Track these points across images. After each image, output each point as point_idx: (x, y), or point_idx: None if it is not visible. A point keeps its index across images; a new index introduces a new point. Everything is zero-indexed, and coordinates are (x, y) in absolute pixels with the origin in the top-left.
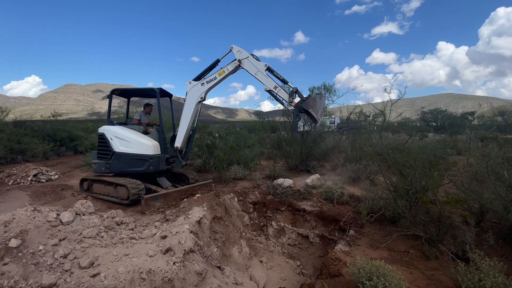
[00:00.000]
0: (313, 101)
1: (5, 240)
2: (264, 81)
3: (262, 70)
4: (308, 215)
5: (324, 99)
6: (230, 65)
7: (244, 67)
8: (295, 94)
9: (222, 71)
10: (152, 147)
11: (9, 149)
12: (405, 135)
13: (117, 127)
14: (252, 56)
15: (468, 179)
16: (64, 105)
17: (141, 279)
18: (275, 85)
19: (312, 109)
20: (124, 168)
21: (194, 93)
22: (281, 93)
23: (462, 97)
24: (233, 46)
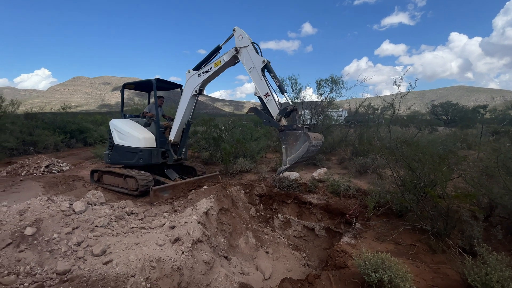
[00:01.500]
0: (293, 139)
1: (20, 228)
2: (256, 82)
3: (258, 67)
4: (314, 208)
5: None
6: (226, 54)
7: (241, 58)
8: (288, 113)
9: (218, 61)
10: (143, 140)
11: (21, 140)
12: (414, 128)
13: (119, 120)
14: (254, 45)
15: (478, 173)
16: (73, 98)
17: (151, 267)
18: (266, 92)
19: (288, 147)
20: (120, 160)
21: (191, 85)
22: (270, 105)
23: (474, 90)
24: (236, 28)
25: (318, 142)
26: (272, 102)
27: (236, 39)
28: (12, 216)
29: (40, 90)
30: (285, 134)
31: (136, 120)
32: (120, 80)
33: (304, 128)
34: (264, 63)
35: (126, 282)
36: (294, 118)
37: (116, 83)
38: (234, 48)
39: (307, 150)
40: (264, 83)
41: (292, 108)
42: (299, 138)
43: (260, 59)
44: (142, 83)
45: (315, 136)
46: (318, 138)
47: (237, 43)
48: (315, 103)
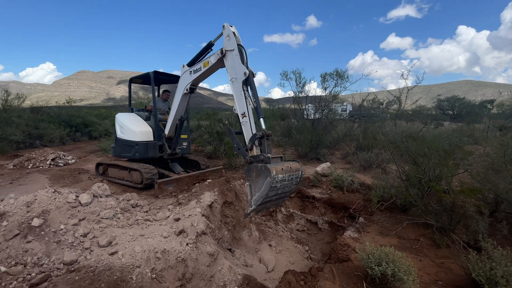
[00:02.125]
0: (256, 174)
1: (28, 219)
2: (235, 96)
3: (240, 79)
4: (317, 202)
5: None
6: (213, 56)
7: (226, 63)
8: (258, 142)
9: (207, 61)
10: (139, 133)
11: (28, 134)
12: (420, 123)
13: (123, 114)
14: (240, 50)
15: (484, 168)
16: (77, 92)
17: (156, 258)
18: (244, 112)
19: (252, 184)
20: (120, 153)
21: (183, 81)
22: (245, 128)
23: (481, 85)
24: (225, 26)
25: (288, 175)
26: (247, 125)
27: (224, 39)
28: (20, 207)
29: (45, 84)
30: (248, 169)
31: (139, 114)
32: (124, 74)
33: (272, 158)
34: (245, 75)
35: (131, 273)
36: (265, 146)
37: (120, 77)
38: (220, 50)
39: (271, 187)
40: (243, 100)
41: (261, 135)
42: (260, 173)
43: (242, 69)
44: (146, 77)
45: (284, 167)
46: (289, 169)
47: (225, 45)
48: (319, 97)
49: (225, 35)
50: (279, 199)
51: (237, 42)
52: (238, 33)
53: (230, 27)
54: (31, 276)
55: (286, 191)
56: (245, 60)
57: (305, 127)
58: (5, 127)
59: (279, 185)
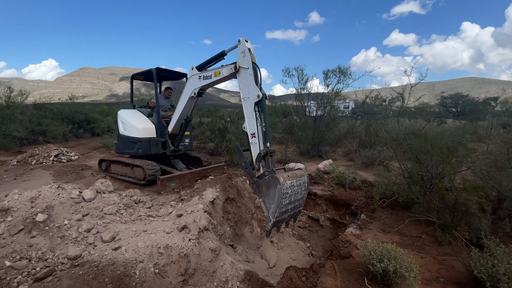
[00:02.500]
0: (265, 188)
1: (32, 214)
2: (246, 116)
3: (252, 100)
4: (319, 199)
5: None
6: (225, 69)
7: (239, 79)
8: (262, 160)
9: (218, 71)
10: (142, 130)
11: (31, 130)
12: (422, 120)
13: (125, 111)
14: (255, 69)
15: (487, 166)
16: (80, 88)
17: (159, 254)
18: (254, 133)
19: (265, 199)
20: (123, 149)
21: (191, 85)
22: (254, 148)
23: (485, 82)
24: (241, 40)
25: (296, 180)
26: (256, 146)
27: (238, 55)
28: (24, 203)
29: (48, 81)
30: (257, 186)
31: (141, 111)
32: (125, 70)
33: (276, 170)
34: (258, 97)
35: (135, 268)
36: (268, 163)
37: (122, 74)
38: (234, 66)
39: (283, 194)
40: (254, 121)
41: (265, 152)
42: (269, 184)
43: (256, 91)
44: (148, 73)
45: (289, 175)
46: (295, 175)
47: (239, 60)
48: (322, 94)
49: (240, 51)
50: (294, 209)
51: (252, 60)
52: (253, 50)
53: (246, 42)
54: (35, 271)
55: (299, 199)
56: (259, 80)
57: (307, 124)
58: (9, 124)
59: (290, 191)
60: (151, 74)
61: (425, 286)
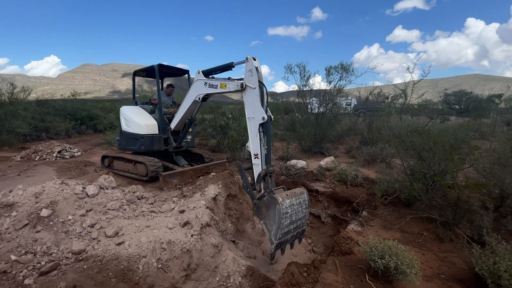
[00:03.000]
0: (265, 209)
1: (36, 210)
2: (250, 135)
3: (257, 120)
4: (320, 196)
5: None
6: (232, 84)
7: (244, 97)
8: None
9: (225, 84)
10: (145, 126)
11: (34, 126)
12: (425, 117)
13: (127, 107)
14: (261, 87)
15: (490, 163)
16: (82, 85)
17: (162, 249)
18: (257, 153)
19: (266, 221)
20: (126, 146)
21: (196, 89)
22: (256, 169)
23: (489, 79)
24: (248, 58)
25: (295, 199)
26: (258, 167)
27: (245, 73)
28: (28, 198)
29: (50, 77)
30: (257, 208)
31: (143, 107)
32: (127, 67)
33: (275, 190)
34: (263, 120)
35: (138, 262)
36: (267, 183)
37: (124, 70)
38: (240, 84)
39: (283, 214)
40: (258, 142)
41: (265, 173)
42: (268, 204)
43: (261, 112)
44: (151, 70)
45: (288, 193)
46: (294, 194)
47: (245, 79)
48: (324, 91)
49: (247, 69)
50: (297, 229)
51: (259, 79)
52: (260, 68)
53: (253, 60)
54: (41, 265)
55: (300, 217)
56: (265, 100)
57: (309, 121)
58: (12, 120)
59: (290, 211)
60: (153, 71)
61: (426, 282)
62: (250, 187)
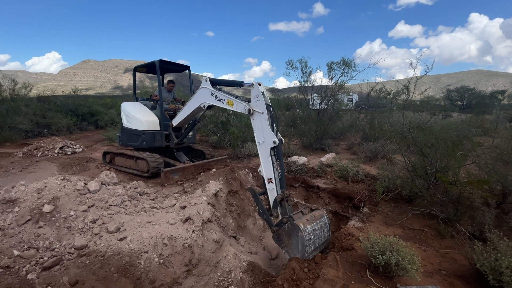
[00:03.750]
0: (287, 237)
1: (38, 205)
2: (262, 160)
3: (268, 145)
4: (321, 192)
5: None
6: (239, 105)
7: (253, 122)
8: (278, 205)
9: (232, 102)
10: (146, 123)
11: (35, 123)
12: (427, 114)
13: (128, 103)
14: (270, 112)
15: (492, 160)
16: (83, 81)
17: (163, 244)
18: (270, 177)
19: (288, 249)
20: (127, 142)
21: (201, 96)
22: (271, 194)
23: (492, 74)
24: (254, 84)
25: (317, 223)
26: (273, 192)
27: (252, 98)
28: (30, 194)
29: (51, 74)
30: (277, 236)
31: (144, 103)
32: (128, 63)
33: (294, 215)
34: (274, 143)
35: (140, 258)
36: (285, 208)
37: (125, 66)
38: (248, 109)
39: (306, 241)
40: (270, 165)
41: (281, 197)
42: (290, 232)
43: (271, 136)
44: (151, 65)
45: (308, 218)
46: (314, 218)
47: (252, 104)
48: (325, 87)
49: (254, 95)
50: (323, 252)
51: (266, 102)
52: (266, 93)
53: (259, 85)
54: (43, 260)
55: (323, 242)
56: (276, 121)
57: (310, 118)
58: (14, 116)
59: (313, 236)
60: (154, 67)
61: (426, 278)
62: (266, 213)
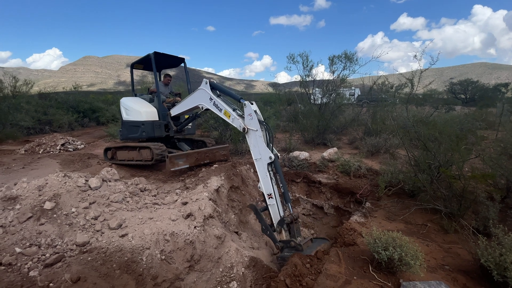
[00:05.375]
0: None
1: (40, 202)
2: (260, 176)
3: (264, 161)
4: (323, 187)
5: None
6: (236, 121)
7: (248, 139)
8: (285, 226)
9: (229, 114)
10: (144, 113)
11: (37, 120)
12: (430, 107)
13: (127, 98)
14: (264, 128)
15: (496, 153)
16: (84, 77)
17: (165, 241)
18: (270, 193)
19: None
20: (127, 134)
21: (200, 97)
22: (273, 210)
23: (496, 67)
24: (246, 104)
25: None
26: (275, 207)
27: (245, 117)
28: (32, 191)
29: (52, 70)
30: (282, 258)
31: (143, 97)
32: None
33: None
34: (271, 159)
35: (141, 254)
36: (294, 231)
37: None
38: (243, 128)
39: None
40: (269, 181)
41: (291, 220)
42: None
43: (267, 153)
44: (147, 60)
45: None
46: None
47: (246, 122)
48: (327, 81)
49: (247, 114)
50: None
51: (259, 119)
52: (259, 110)
53: (251, 104)
54: (45, 257)
55: None
56: (271, 136)
57: (312, 112)
58: (15, 113)
59: None
60: (150, 62)
61: (430, 274)
62: (270, 230)
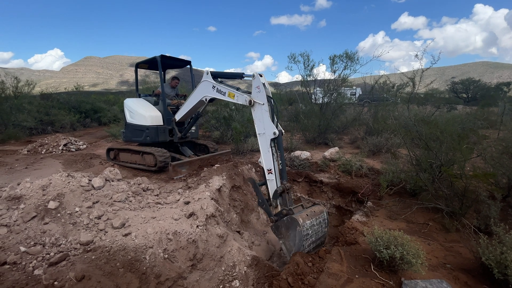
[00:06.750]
0: (285, 229)
1: (44, 202)
2: (262, 151)
3: (268, 136)
4: (325, 187)
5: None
6: (240, 97)
7: (253, 113)
8: (279, 197)
9: (233, 94)
10: (149, 118)
11: (39, 120)
12: (431, 107)
13: (131, 100)
14: (271, 104)
15: (498, 153)
16: (85, 78)
17: (168, 239)
18: (270, 168)
19: (285, 240)
20: (131, 137)
21: (203, 89)
22: (271, 185)
23: (498, 66)
24: (255, 76)
25: (316, 219)
26: (273, 182)
27: (253, 89)
28: (35, 191)
29: (54, 71)
30: (275, 227)
31: (147, 99)
32: (130, 59)
33: (294, 208)
34: (275, 135)
35: (145, 253)
36: (285, 200)
37: (127, 63)
38: (249, 101)
39: (303, 236)
40: (270, 157)
41: (282, 189)
42: (288, 225)
43: (271, 128)
44: (153, 61)
45: (308, 213)
46: (314, 213)
47: (253, 95)
48: (328, 81)
49: (255, 86)
50: (316, 248)
51: (267, 93)
52: (268, 84)
53: (260, 77)
54: (50, 256)
55: (320, 237)
56: (276, 113)
57: (313, 112)
58: (17, 114)
59: (311, 232)
60: (155, 63)
61: (431, 272)
62: (266, 203)
